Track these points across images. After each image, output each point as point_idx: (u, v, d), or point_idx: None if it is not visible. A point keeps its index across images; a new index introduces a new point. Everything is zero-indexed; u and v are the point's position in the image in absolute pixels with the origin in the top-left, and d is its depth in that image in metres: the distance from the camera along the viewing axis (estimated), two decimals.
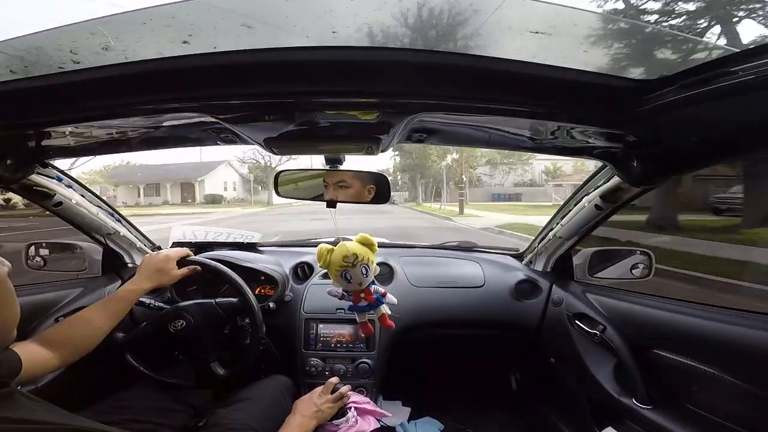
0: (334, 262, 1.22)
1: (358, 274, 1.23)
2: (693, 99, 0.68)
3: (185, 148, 17.67)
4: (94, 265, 1.77)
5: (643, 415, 1.23)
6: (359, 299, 1.29)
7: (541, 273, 1.93)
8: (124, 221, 1.79)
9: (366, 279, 1.26)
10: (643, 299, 1.40)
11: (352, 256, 1.21)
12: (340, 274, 1.23)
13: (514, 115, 0.84)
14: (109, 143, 1.19)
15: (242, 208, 32.00)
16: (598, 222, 1.55)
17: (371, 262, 1.25)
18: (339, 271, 1.23)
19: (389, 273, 1.94)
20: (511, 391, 2.27)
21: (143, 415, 1.19)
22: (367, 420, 1.38)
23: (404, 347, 1.81)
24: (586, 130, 0.97)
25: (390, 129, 0.97)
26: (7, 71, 0.69)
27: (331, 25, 0.66)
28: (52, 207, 1.43)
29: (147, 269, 1.26)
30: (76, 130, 1.04)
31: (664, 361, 1.26)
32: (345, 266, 1.21)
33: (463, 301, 1.90)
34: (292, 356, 1.70)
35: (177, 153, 75.27)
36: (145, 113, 0.83)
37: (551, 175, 39.55)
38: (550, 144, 1.18)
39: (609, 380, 1.41)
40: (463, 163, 29.70)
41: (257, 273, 1.77)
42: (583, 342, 1.55)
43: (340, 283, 1.26)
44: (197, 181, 38.40)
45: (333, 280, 1.28)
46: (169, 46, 0.66)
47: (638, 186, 1.22)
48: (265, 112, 0.88)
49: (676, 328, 1.22)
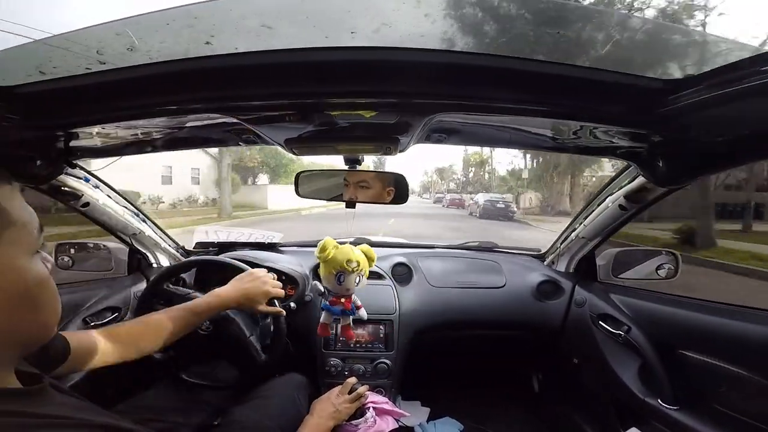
0: (336, 260, 1.24)
1: (352, 281, 1.25)
2: (721, 99, 0.67)
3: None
4: (120, 265, 1.81)
5: (669, 415, 1.22)
6: (338, 303, 1.31)
7: (564, 273, 1.91)
8: (149, 221, 1.82)
9: (355, 287, 1.28)
10: (668, 299, 1.38)
11: (355, 262, 1.22)
12: (336, 274, 1.24)
13: (535, 116, 0.83)
14: (135, 144, 1.22)
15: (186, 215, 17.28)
16: (623, 222, 1.53)
17: (366, 275, 1.28)
18: (336, 272, 1.24)
19: (408, 273, 1.94)
20: (533, 392, 2.25)
21: (161, 414, 1.21)
22: (385, 420, 1.38)
23: (424, 348, 1.81)
24: (610, 129, 0.95)
25: (408, 129, 0.96)
26: (37, 72, 0.71)
27: (349, 25, 0.66)
28: (80, 207, 1.46)
29: (243, 292, 1.24)
30: (103, 131, 1.07)
31: (690, 361, 1.24)
32: (344, 269, 1.22)
33: (483, 301, 1.88)
34: (312, 356, 1.71)
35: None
36: (169, 114, 0.84)
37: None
38: (572, 144, 1.16)
39: (634, 381, 1.40)
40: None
41: (278, 273, 1.78)
42: (607, 342, 1.53)
43: (330, 282, 1.28)
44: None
45: (324, 275, 1.29)
46: (192, 46, 0.67)
47: (664, 186, 1.20)
48: (285, 113, 0.88)
49: (703, 328, 1.20)
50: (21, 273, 0.52)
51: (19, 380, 0.55)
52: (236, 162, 23.98)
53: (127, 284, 1.72)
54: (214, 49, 0.66)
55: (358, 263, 1.22)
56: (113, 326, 1.05)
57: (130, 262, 1.83)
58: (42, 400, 0.54)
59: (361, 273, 1.25)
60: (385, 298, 1.78)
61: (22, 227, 0.53)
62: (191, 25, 0.67)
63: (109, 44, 0.67)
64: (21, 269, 0.52)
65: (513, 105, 0.79)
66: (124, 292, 1.66)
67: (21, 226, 0.53)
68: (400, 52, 0.68)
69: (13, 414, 0.47)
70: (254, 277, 1.27)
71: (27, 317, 0.53)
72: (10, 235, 0.51)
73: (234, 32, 0.67)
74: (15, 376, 0.54)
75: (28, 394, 0.53)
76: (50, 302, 0.57)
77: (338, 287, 1.27)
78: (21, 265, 0.52)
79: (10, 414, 0.47)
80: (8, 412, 0.47)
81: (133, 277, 1.79)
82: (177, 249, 2.02)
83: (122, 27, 0.62)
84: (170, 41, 0.68)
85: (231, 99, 0.79)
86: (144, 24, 0.66)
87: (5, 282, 0.50)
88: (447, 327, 1.87)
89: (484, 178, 46.52)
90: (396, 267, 1.94)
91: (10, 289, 0.51)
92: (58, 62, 0.71)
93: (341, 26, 0.67)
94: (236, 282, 1.26)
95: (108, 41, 0.67)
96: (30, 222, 0.54)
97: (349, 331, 1.36)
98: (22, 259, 0.53)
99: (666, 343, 1.32)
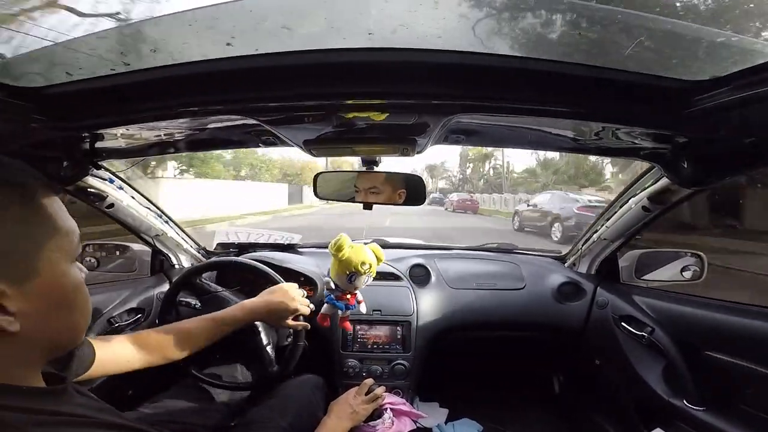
0: (350, 261, 1.25)
1: (362, 282, 1.29)
2: (748, 100, 0.66)
3: None
4: (143, 266, 1.84)
5: (694, 416, 1.20)
6: (343, 298, 1.35)
7: (585, 275, 1.88)
8: (172, 222, 1.84)
9: (362, 286, 1.32)
10: (693, 301, 1.36)
11: (368, 265, 1.23)
12: (349, 275, 1.26)
13: (556, 116, 0.82)
14: (158, 145, 1.24)
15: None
16: (646, 224, 1.51)
17: (374, 274, 1.32)
18: (349, 272, 1.26)
19: (426, 275, 1.93)
20: (554, 394, 2.22)
21: (178, 415, 1.23)
22: (403, 421, 1.37)
23: (441, 349, 1.81)
24: (633, 131, 0.94)
25: (426, 130, 0.96)
26: (63, 73, 0.73)
27: (366, 26, 0.66)
28: (105, 209, 1.48)
29: (272, 308, 1.24)
30: (127, 132, 1.09)
31: (716, 362, 1.22)
32: (357, 270, 1.24)
33: (502, 303, 1.87)
34: (330, 357, 1.72)
35: None
36: (191, 115, 0.86)
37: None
38: (594, 145, 1.15)
39: (658, 382, 1.38)
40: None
41: (297, 274, 1.80)
42: (630, 344, 1.52)
43: (341, 279, 1.29)
44: None
45: (336, 273, 1.30)
46: (213, 48, 0.68)
47: (689, 187, 1.18)
48: (304, 114, 0.89)
49: (729, 329, 1.18)
50: (63, 278, 0.55)
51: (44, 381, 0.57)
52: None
53: (149, 285, 1.74)
54: (235, 50, 0.67)
55: (370, 266, 1.24)
56: (143, 332, 1.07)
57: (153, 263, 1.86)
58: (63, 399, 0.56)
59: (370, 274, 1.28)
60: (403, 300, 1.78)
61: (65, 235, 0.55)
62: (212, 27, 0.68)
63: (133, 46, 0.68)
64: (63, 275, 0.55)
65: (534, 106, 0.79)
66: (147, 293, 1.69)
67: (65, 234, 0.55)
68: (417, 53, 0.68)
69: (34, 411, 0.49)
70: (284, 292, 1.27)
71: (62, 320, 0.56)
72: (56, 242, 0.54)
73: (254, 33, 0.68)
74: (41, 376, 0.57)
75: (51, 394, 0.55)
76: (84, 307, 0.59)
77: (347, 285, 1.29)
78: (63, 271, 0.55)
79: (31, 411, 0.49)
80: (30, 409, 0.49)
81: (156, 278, 1.81)
82: (198, 250, 2.04)
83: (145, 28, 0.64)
84: (192, 42, 0.70)
85: (251, 100, 0.80)
86: (166, 25, 0.67)
87: (49, 286, 0.53)
88: (465, 328, 1.86)
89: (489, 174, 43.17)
90: (413, 268, 1.94)
91: (52, 293, 0.53)
92: (84, 63, 0.73)
93: (359, 27, 0.68)
94: (266, 295, 1.26)
95: (132, 43, 0.69)
96: (73, 231, 0.57)
97: (345, 323, 1.42)
98: (64, 265, 0.55)
99: (691, 344, 1.30)
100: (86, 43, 0.70)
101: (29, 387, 0.52)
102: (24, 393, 0.50)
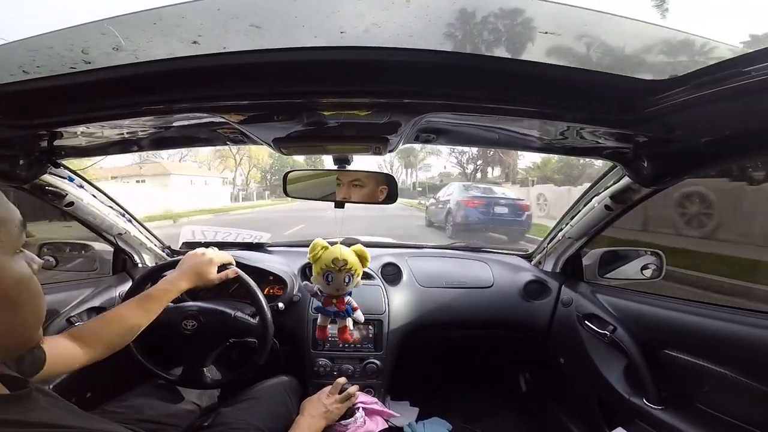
0: (323, 259, 1.23)
1: (340, 280, 1.24)
2: (705, 99, 0.68)
3: None
4: (104, 265, 1.79)
5: (654, 415, 1.23)
6: (330, 303, 1.31)
7: (551, 273, 1.92)
8: (135, 221, 1.80)
9: (345, 287, 1.28)
10: (653, 300, 1.39)
11: (342, 261, 1.22)
12: (323, 274, 1.24)
13: (523, 116, 0.84)
14: (120, 143, 1.21)
15: None
16: (608, 222, 1.55)
17: (357, 274, 1.27)
18: (323, 271, 1.24)
19: (397, 273, 1.94)
20: (521, 392, 2.26)
21: (149, 415, 1.20)
22: (374, 420, 1.38)
23: (412, 348, 1.81)
24: (596, 130, 0.96)
25: (398, 129, 0.97)
26: (20, 71, 0.70)
27: (338, 25, 0.66)
28: (64, 207, 1.44)
29: (189, 270, 1.25)
30: (87, 130, 1.05)
31: (675, 361, 1.25)
32: (331, 268, 1.22)
33: (471, 301, 1.89)
34: (300, 356, 1.71)
35: None
36: (156, 113, 0.84)
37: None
38: (559, 144, 1.17)
39: (619, 381, 1.41)
40: None
41: (266, 273, 1.78)
42: (593, 342, 1.55)
43: (320, 281, 1.28)
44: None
45: (314, 275, 1.29)
46: (179, 46, 0.66)
47: (649, 186, 1.22)
48: (274, 112, 0.88)
49: (688, 328, 1.21)
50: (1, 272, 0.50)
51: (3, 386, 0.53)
52: None
53: (112, 284, 1.70)
54: (202, 48, 0.65)
55: (345, 261, 1.22)
56: (74, 328, 1.05)
57: (115, 262, 1.81)
58: (30, 405, 0.52)
59: (352, 272, 1.24)
60: (375, 299, 1.78)
61: (1, 224, 0.51)
62: (178, 25, 0.66)
63: (95, 44, 0.66)
64: (1, 268, 0.50)
65: (501, 105, 0.80)
66: (109, 293, 1.65)
67: (0, 223, 0.51)
68: (389, 52, 0.68)
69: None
70: (193, 254, 1.30)
71: (7, 320, 0.51)
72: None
73: (222, 32, 0.67)
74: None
75: (15, 400, 0.51)
76: (31, 304, 0.54)
77: (327, 287, 1.27)
78: (1, 264, 0.50)
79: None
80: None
81: (118, 278, 1.77)
82: (163, 249, 2.00)
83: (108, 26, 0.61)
84: (157, 41, 0.68)
85: (218, 99, 0.78)
86: (130, 23, 0.65)
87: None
88: (436, 327, 1.88)
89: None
90: (385, 267, 1.94)
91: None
92: (42, 61, 0.70)
93: (330, 26, 0.67)
94: (180, 265, 1.28)
95: (93, 41, 0.66)
96: (9, 219, 0.52)
97: (345, 334, 1.36)
98: (1, 258, 0.51)
99: (651, 342, 1.34)
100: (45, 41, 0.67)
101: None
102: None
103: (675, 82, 0.70)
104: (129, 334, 1.09)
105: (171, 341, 1.37)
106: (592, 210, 1.54)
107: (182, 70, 0.69)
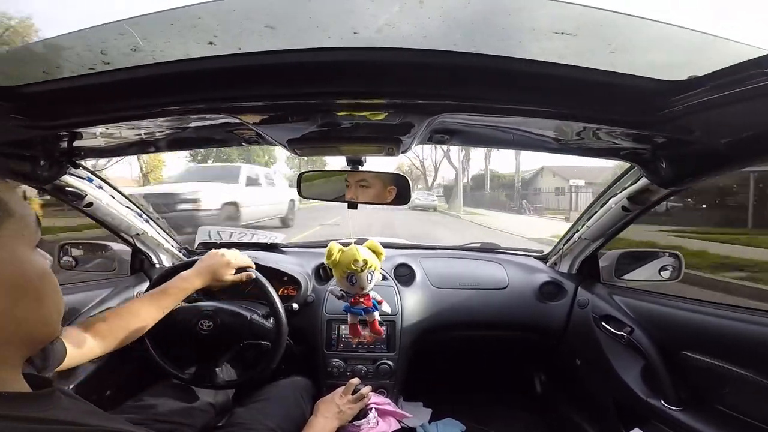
0: (343, 263, 1.23)
1: (363, 280, 1.25)
2: (725, 100, 0.66)
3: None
4: (123, 265, 1.81)
5: (672, 416, 1.22)
6: (357, 302, 1.31)
7: (567, 275, 1.91)
8: (153, 222, 1.82)
9: (369, 285, 1.28)
10: (672, 301, 1.38)
11: (362, 261, 1.22)
12: (347, 276, 1.25)
13: (538, 116, 0.83)
14: (138, 144, 1.22)
15: None
16: (626, 224, 1.53)
17: (376, 270, 1.27)
18: (346, 274, 1.24)
19: (410, 274, 1.93)
20: (536, 393, 2.24)
21: (165, 415, 1.21)
22: (387, 421, 1.38)
23: (426, 349, 1.81)
24: (613, 131, 0.95)
25: (411, 130, 0.96)
26: (41, 72, 0.71)
27: (351, 25, 0.66)
28: (83, 207, 1.46)
29: (205, 268, 1.27)
30: (106, 131, 1.07)
31: (694, 363, 1.23)
32: (353, 270, 1.22)
33: (485, 302, 1.88)
34: (314, 357, 1.71)
35: None
36: (172, 114, 0.84)
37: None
38: (575, 145, 1.16)
39: (636, 382, 1.39)
40: None
41: (280, 273, 1.79)
42: (610, 344, 1.53)
43: (344, 284, 1.28)
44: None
45: (337, 279, 1.29)
46: (196, 47, 0.67)
47: (667, 188, 1.20)
48: (288, 113, 0.88)
49: (707, 330, 1.20)
50: (22, 264, 0.52)
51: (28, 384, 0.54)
52: None
53: (129, 285, 1.72)
54: (218, 49, 0.66)
55: (365, 262, 1.22)
56: (88, 319, 1.07)
57: (133, 262, 1.84)
58: (49, 404, 0.53)
59: (372, 270, 1.25)
60: (388, 299, 1.77)
61: (20, 219, 0.52)
62: (195, 26, 0.66)
63: (113, 44, 0.67)
64: (22, 261, 0.52)
65: (516, 106, 0.79)
66: (126, 293, 1.67)
67: (20, 218, 0.52)
68: (402, 53, 0.68)
69: (18, 419, 0.46)
70: (213, 254, 1.32)
71: (30, 311, 0.52)
72: (10, 226, 0.51)
73: (237, 33, 0.67)
74: (23, 378, 0.54)
75: (36, 398, 0.52)
76: (52, 296, 0.56)
77: (352, 288, 1.27)
78: (22, 257, 0.52)
79: (15, 419, 0.46)
80: (14, 417, 0.46)
81: (136, 278, 1.79)
82: (180, 249, 2.02)
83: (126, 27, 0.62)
84: (174, 41, 0.68)
85: (233, 99, 0.79)
86: (148, 24, 0.66)
87: (7, 273, 0.50)
88: (449, 328, 1.87)
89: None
90: (398, 268, 1.94)
91: (12, 280, 0.50)
92: (62, 62, 0.71)
93: (344, 26, 0.67)
94: (198, 263, 1.29)
95: (112, 41, 0.67)
96: (28, 215, 0.54)
97: (376, 326, 1.36)
98: (22, 251, 0.52)
99: (669, 344, 1.32)
100: (65, 41, 0.68)
101: (11, 393, 0.49)
102: (5, 399, 0.47)
103: (694, 83, 0.68)
104: (140, 329, 1.11)
105: (186, 340, 1.39)
106: (609, 211, 1.52)
107: (198, 71, 0.69)
